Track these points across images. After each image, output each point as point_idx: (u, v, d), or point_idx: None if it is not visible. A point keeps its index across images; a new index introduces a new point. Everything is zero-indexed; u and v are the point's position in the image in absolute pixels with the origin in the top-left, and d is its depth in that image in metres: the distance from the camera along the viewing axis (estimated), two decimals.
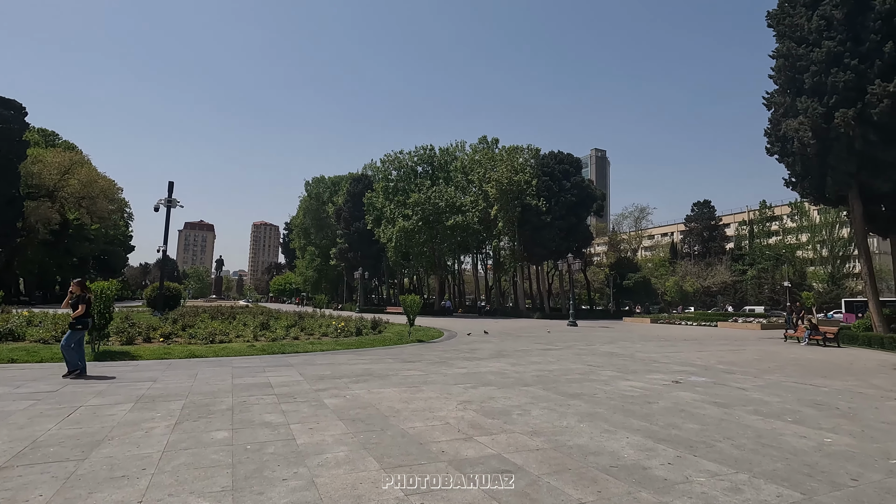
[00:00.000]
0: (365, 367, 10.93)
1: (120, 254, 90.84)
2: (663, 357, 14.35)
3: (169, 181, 21.80)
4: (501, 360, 12.72)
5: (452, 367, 11.17)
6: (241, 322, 20.15)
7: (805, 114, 21.74)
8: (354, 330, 18.93)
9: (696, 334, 26.19)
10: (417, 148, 55.24)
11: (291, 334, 17.16)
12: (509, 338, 21.02)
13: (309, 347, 14.10)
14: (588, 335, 23.90)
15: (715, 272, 62.77)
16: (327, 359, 12.20)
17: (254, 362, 11.26)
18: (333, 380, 9.07)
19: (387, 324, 25.28)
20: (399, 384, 8.77)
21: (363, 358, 12.54)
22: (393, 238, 47.58)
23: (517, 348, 16.24)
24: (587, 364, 12.36)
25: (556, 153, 52.98)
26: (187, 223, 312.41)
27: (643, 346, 18.30)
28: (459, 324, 32.63)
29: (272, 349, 13.28)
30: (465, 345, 17.26)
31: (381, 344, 16.24)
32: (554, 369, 11.25)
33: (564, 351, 15.67)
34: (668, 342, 20.26)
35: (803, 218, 77.45)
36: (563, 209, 48.08)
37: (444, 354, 13.84)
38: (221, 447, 4.89)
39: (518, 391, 8.36)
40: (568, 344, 18.40)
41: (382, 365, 11.31)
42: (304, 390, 7.98)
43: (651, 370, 11.42)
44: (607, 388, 8.89)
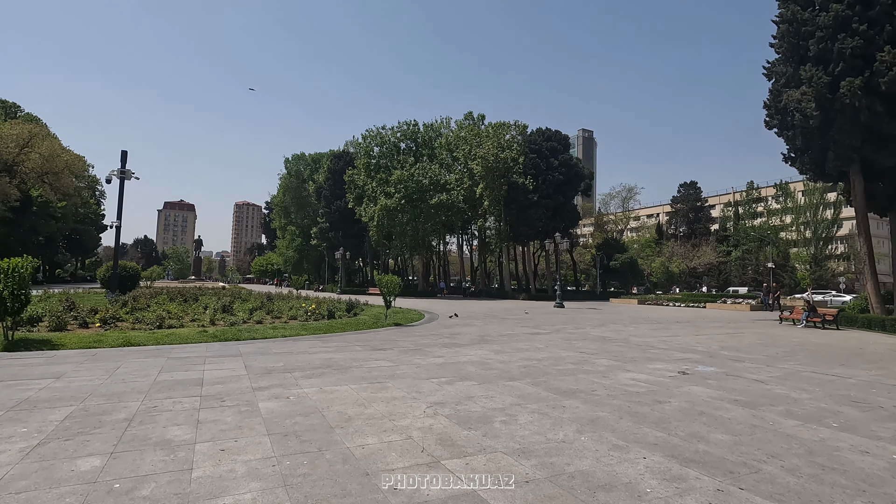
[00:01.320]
0: (327, 356, 9.48)
1: (92, 233, 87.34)
2: (660, 342, 13.16)
3: (122, 150, 19.79)
4: (484, 347, 11.37)
5: (428, 357, 9.78)
6: (203, 304, 18.53)
7: (809, 83, 20.46)
8: (326, 313, 17.43)
9: (686, 316, 25.27)
10: (401, 123, 53.00)
11: (255, 318, 15.62)
12: (494, 320, 19.75)
13: (270, 333, 12.58)
14: (576, 317, 22.76)
15: (701, 253, 62.34)
16: (286, 346, 10.71)
17: (197, 351, 9.72)
18: (282, 374, 7.60)
19: (366, 305, 23.84)
20: (361, 379, 7.34)
21: (328, 345, 11.08)
22: (375, 217, 45.76)
23: (502, 332, 14.93)
24: (579, 351, 11.07)
25: (544, 130, 51.36)
26: (167, 203, 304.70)
27: (636, 329, 17.16)
28: (443, 305, 31.32)
29: (226, 335, 11.74)
30: (446, 329, 15.90)
31: (354, 328, 14.79)
32: (543, 357, 9.93)
33: (553, 335, 14.41)
34: (661, 325, 19.18)
35: (787, 199, 77.46)
36: (550, 188, 46.69)
37: (421, 340, 12.45)
38: (77, 486, 3.41)
39: (502, 388, 6.99)
40: (556, 327, 17.17)
41: (347, 354, 9.87)
42: (239, 389, 6.50)
43: (651, 358, 10.17)
44: (606, 381, 7.58)
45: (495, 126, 50.15)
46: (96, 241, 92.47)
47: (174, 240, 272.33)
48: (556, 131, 51.41)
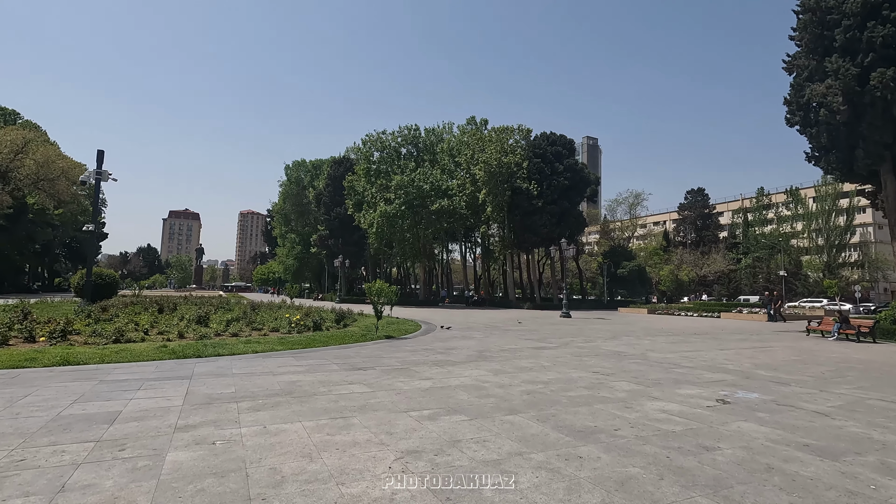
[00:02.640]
0: (293, 378, 7.98)
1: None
2: (683, 358, 11.58)
3: (98, 150, 18.52)
4: (482, 366, 9.84)
5: (414, 378, 8.26)
6: (180, 315, 17.10)
7: (835, 76, 18.96)
8: (312, 324, 15.96)
9: (702, 327, 23.59)
10: (401, 128, 51.84)
11: (231, 330, 14.17)
12: (496, 332, 18.19)
13: (240, 348, 11.10)
14: (585, 328, 21.16)
15: (711, 261, 60.51)
16: (251, 365, 9.23)
17: (141, 372, 8.24)
18: (226, 405, 6.11)
19: (360, 315, 22.40)
20: (321, 412, 5.84)
21: (301, 363, 9.58)
22: (374, 223, 44.36)
23: (504, 347, 13.38)
24: (592, 370, 9.52)
25: (549, 134, 50.00)
26: (172, 212, 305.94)
27: (652, 342, 15.56)
28: (443, 315, 29.79)
29: (186, 351, 10.27)
30: (442, 342, 14.37)
31: (339, 342, 13.29)
32: (550, 379, 8.39)
33: (561, 350, 12.85)
34: (678, 337, 17.56)
35: (799, 205, 75.59)
36: (555, 193, 45.22)
37: (411, 357, 10.92)
38: None
39: (499, 425, 5.47)
40: (564, 340, 15.59)
41: (319, 375, 8.36)
42: (156, 429, 5.01)
43: (678, 380, 8.60)
44: (631, 415, 6.04)
45: (498, 130, 48.86)
46: (96, 249, 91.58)
47: (179, 248, 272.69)
48: (561, 135, 50.03)
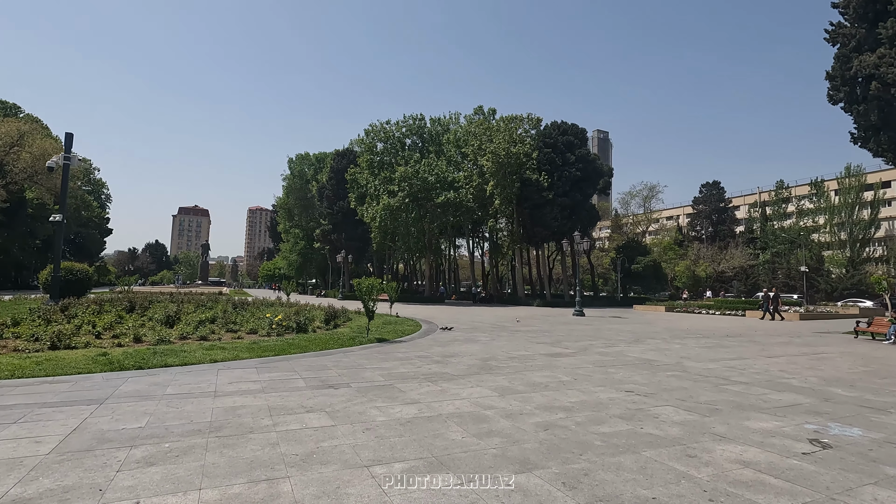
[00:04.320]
0: (235, 402, 6.13)
1: (95, 237, 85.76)
2: (729, 370, 9.56)
3: (67, 132, 16.80)
4: (485, 381, 7.92)
5: (395, 402, 6.36)
6: (151, 314, 15.36)
7: (890, 43, 16.69)
8: (295, 326, 14.14)
9: (731, 327, 21.47)
10: (406, 117, 49.81)
11: (200, 332, 12.39)
12: (504, 333, 16.26)
13: (195, 357, 9.29)
14: (602, 329, 19.15)
15: (730, 256, 57.92)
16: (196, 381, 7.39)
17: (43, 393, 6.42)
18: (114, 451, 4.25)
19: (357, 314, 20.68)
20: (243, 469, 3.96)
21: (260, 378, 7.73)
22: (377, 217, 42.52)
23: (512, 353, 11.45)
24: (623, 388, 7.56)
25: (560, 123, 47.74)
26: (181, 208, 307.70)
27: (683, 346, 13.53)
28: (448, 313, 27.90)
29: (127, 361, 8.48)
30: (441, 347, 12.47)
31: (320, 347, 11.43)
32: (573, 404, 6.45)
33: (580, 358, 10.89)
34: (711, 340, 15.49)
35: (822, 198, 72.54)
36: (566, 185, 43.06)
37: (400, 368, 9.03)
38: None
39: (506, 497, 3.55)
40: (581, 344, 13.62)
41: (273, 397, 6.49)
42: None
43: (740, 403, 6.62)
44: (701, 473, 4.08)
45: (507, 119, 46.70)
46: (100, 245, 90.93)
47: (188, 245, 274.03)
48: (573, 125, 47.75)
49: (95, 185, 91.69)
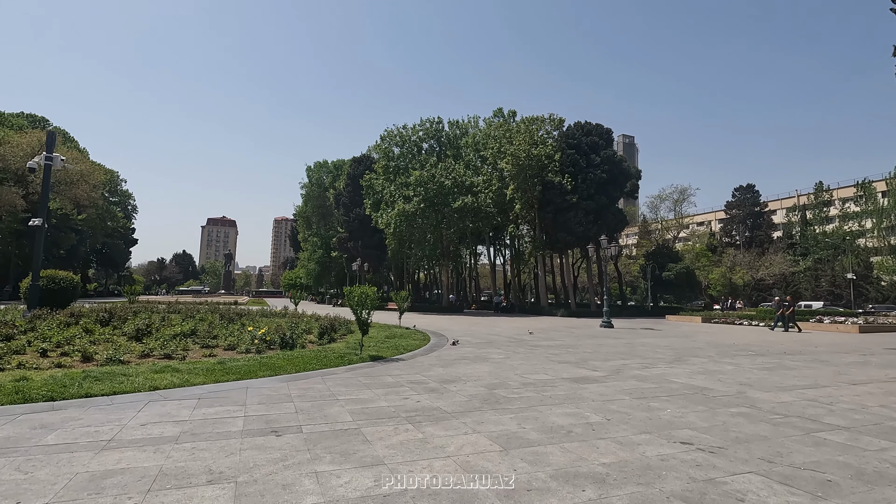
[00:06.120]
0: (119, 462, 4.29)
1: (120, 247, 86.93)
2: (812, 403, 7.29)
3: (49, 131, 15.72)
4: (484, 424, 5.92)
5: (344, 467, 4.42)
6: (129, 327, 13.85)
7: None
8: (279, 340, 12.40)
9: (781, 341, 18.81)
10: (423, 121, 48.29)
11: (168, 348, 10.72)
12: (521, 349, 14.17)
13: (134, 383, 7.55)
14: (634, 343, 16.84)
15: (769, 262, 54.18)
16: (105, 420, 5.62)
17: None
18: None
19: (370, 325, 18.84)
20: None
21: (191, 417, 5.91)
22: (391, 223, 40.91)
23: (528, 377, 9.39)
24: (676, 437, 5.45)
25: (583, 124, 45.43)
26: (210, 219, 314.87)
27: (736, 367, 11.21)
28: (463, 324, 25.89)
29: (42, 391, 6.81)
30: (443, 367, 10.49)
31: (299, 367, 9.60)
32: (607, 471, 4.39)
33: (612, 384, 8.75)
34: (767, 358, 13.06)
35: (869, 201, 67.78)
36: (591, 187, 40.64)
37: (380, 401, 7.09)
38: None
39: None
40: (613, 364, 11.44)
41: (177, 453, 4.64)
42: None
43: (863, 472, 4.44)
44: None
45: (528, 121, 44.65)
46: (125, 255, 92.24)
47: (216, 255, 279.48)
48: (598, 125, 45.37)
49: (122, 197, 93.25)
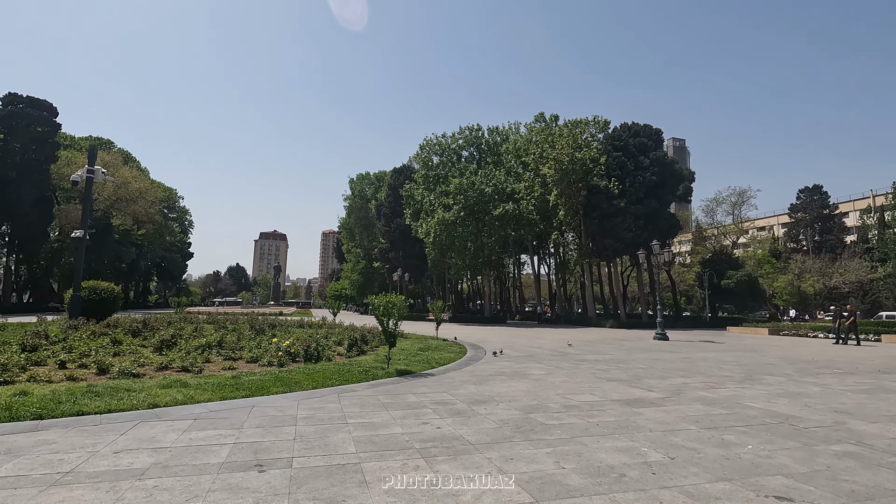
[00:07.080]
0: None
1: (177, 261, 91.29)
2: None
3: (91, 145, 16.11)
4: (514, 462, 4.82)
5: None
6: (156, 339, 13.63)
7: None
8: (303, 353, 11.74)
9: (868, 356, 16.39)
10: (462, 129, 47.68)
11: (188, 360, 10.25)
12: (565, 363, 12.85)
13: (133, 401, 6.97)
14: (694, 358, 15.07)
15: (844, 268, 49.39)
16: (73, 447, 4.97)
17: None
18: None
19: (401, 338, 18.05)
20: None
21: (175, 443, 5.17)
22: (431, 232, 40.26)
23: (571, 398, 8.16)
24: (767, 490, 4.14)
25: (630, 125, 43.30)
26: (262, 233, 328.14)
27: (824, 388, 9.46)
28: (504, 335, 24.61)
29: (33, 407, 6.31)
30: (475, 384, 9.41)
31: (318, 384, 8.82)
32: None
33: (673, 407, 7.38)
34: (857, 376, 11.11)
35: None
36: (640, 191, 38.42)
37: (393, 427, 6.12)
38: None
39: None
40: (671, 383, 9.96)
41: (133, 492, 3.85)
42: None
43: None
44: None
45: (571, 124, 43.04)
46: (182, 268, 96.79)
47: (267, 267, 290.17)
48: (646, 125, 43.14)
49: (180, 213, 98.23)
